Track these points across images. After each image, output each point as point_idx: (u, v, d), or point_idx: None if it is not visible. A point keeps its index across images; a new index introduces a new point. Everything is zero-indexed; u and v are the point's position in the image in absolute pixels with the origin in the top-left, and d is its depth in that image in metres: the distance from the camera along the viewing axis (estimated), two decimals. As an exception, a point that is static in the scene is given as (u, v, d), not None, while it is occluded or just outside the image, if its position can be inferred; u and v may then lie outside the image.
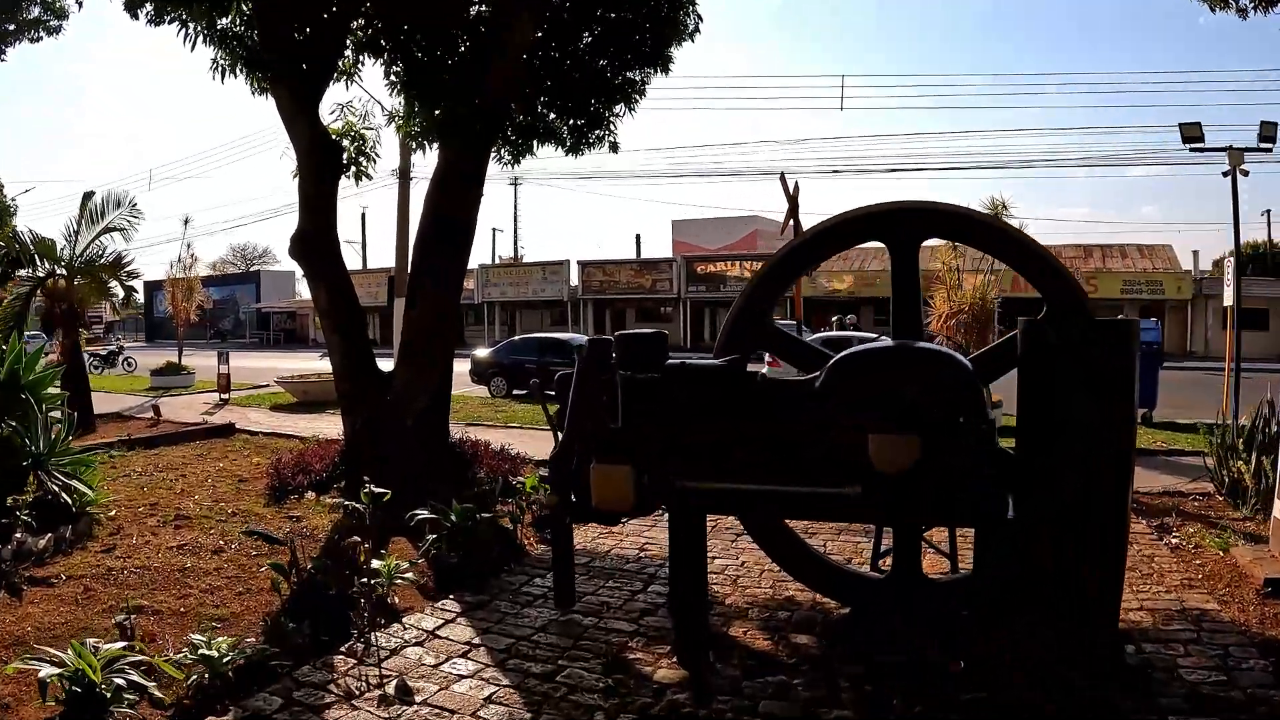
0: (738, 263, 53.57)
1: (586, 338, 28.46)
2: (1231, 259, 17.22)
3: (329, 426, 16.61)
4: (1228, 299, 18.85)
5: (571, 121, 12.91)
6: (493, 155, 12.01)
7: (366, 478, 6.80)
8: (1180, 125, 14.98)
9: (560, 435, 5.88)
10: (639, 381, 5.43)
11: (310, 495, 10.40)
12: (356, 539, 6.44)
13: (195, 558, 7.98)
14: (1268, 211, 61.10)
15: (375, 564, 6.46)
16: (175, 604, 6.82)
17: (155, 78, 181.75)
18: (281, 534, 8.61)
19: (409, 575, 6.53)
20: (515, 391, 24.99)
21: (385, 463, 10.48)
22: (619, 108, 12.86)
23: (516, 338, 28.04)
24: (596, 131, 12.98)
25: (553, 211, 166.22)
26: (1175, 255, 49.62)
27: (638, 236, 68.33)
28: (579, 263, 57.38)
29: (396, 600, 6.69)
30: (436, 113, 11.39)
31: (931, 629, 6.04)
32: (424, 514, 7.69)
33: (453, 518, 7.56)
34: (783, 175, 17.11)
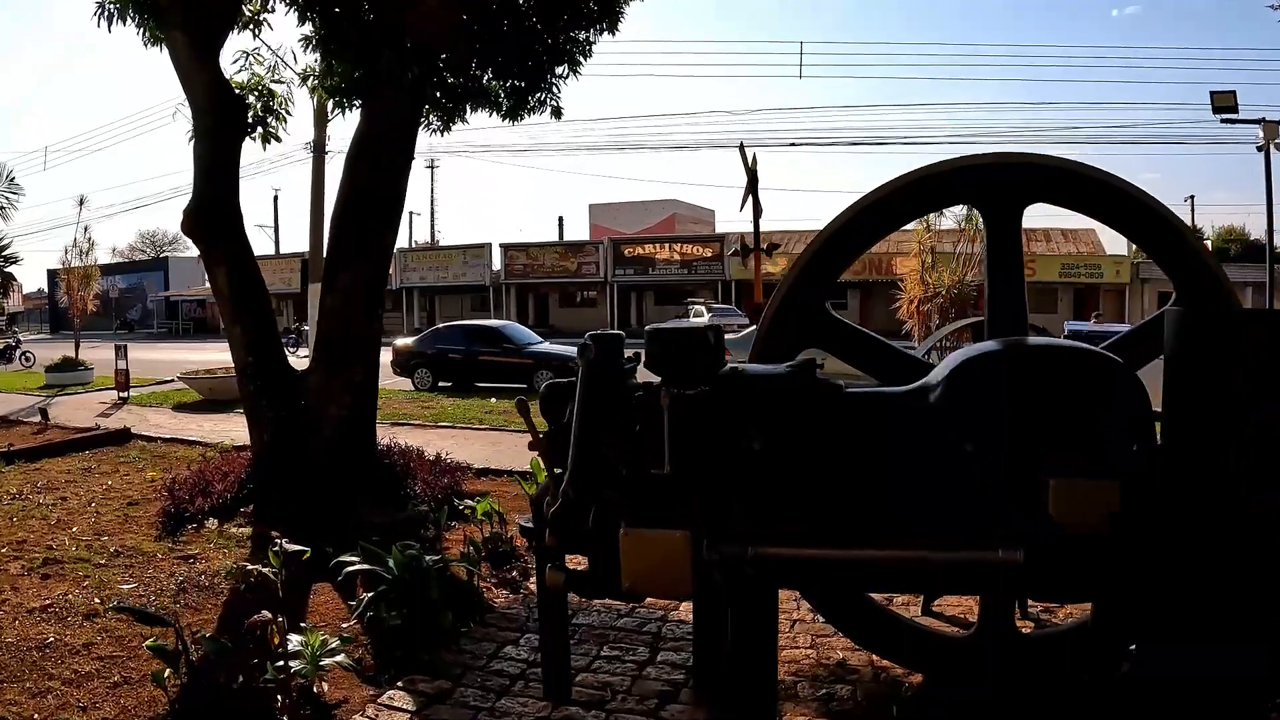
0: (667, 245, 52.09)
1: (516, 329, 26.46)
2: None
3: (237, 430, 14.67)
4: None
5: (510, 83, 11.20)
6: (420, 121, 10.24)
7: (278, 535, 5.02)
8: (1212, 94, 13.75)
9: (559, 475, 4.12)
10: (695, 401, 3.71)
11: (211, 524, 8.50)
12: (267, 615, 4.66)
13: (62, 626, 6.06)
14: (1191, 197, 62.30)
15: (294, 641, 4.70)
16: (29, 705, 4.92)
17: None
18: (174, 583, 6.83)
19: (340, 658, 4.77)
20: (441, 384, 23.20)
21: (300, 482, 8.72)
22: (561, 69, 11.20)
23: (442, 325, 26.13)
24: (538, 95, 11.29)
25: (472, 192, 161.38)
26: (1099, 239, 49.52)
27: (560, 219, 66.45)
28: (501, 246, 55.46)
29: (325, 689, 4.92)
30: (357, 75, 9.61)
31: (1037, 699, 4.50)
32: (354, 562, 5.93)
33: (391, 565, 5.78)
34: (742, 146, 15.50)
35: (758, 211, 16.75)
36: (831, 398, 3.93)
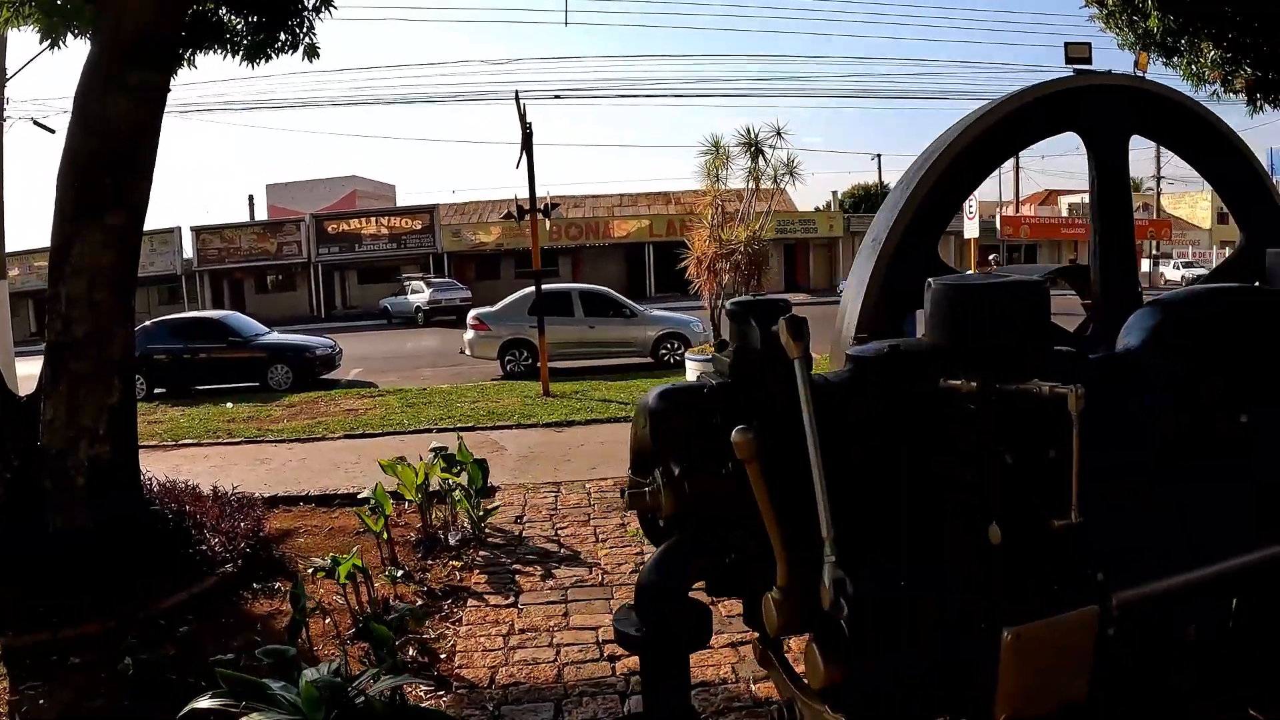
0: (374, 219, 49.02)
1: (240, 319, 23.54)
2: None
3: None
4: (971, 231, 19.54)
5: (252, 18, 8.80)
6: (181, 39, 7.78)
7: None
8: (1066, 45, 13.46)
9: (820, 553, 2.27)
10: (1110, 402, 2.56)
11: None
12: None
13: None
14: (878, 156, 66.79)
15: None
16: None
17: None
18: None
19: None
20: (155, 390, 19.92)
21: (51, 561, 6.17)
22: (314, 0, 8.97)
23: (149, 323, 22.51)
24: (286, 33, 8.96)
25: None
26: (790, 198, 51.54)
27: (250, 197, 61.02)
28: (193, 229, 50.24)
29: None
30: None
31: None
32: (230, 713, 3.62)
33: (297, 701, 3.54)
34: (517, 96, 13.71)
35: (532, 169, 14.93)
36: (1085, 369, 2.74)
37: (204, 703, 3.64)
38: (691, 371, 16.46)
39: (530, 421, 13.11)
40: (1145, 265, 48.34)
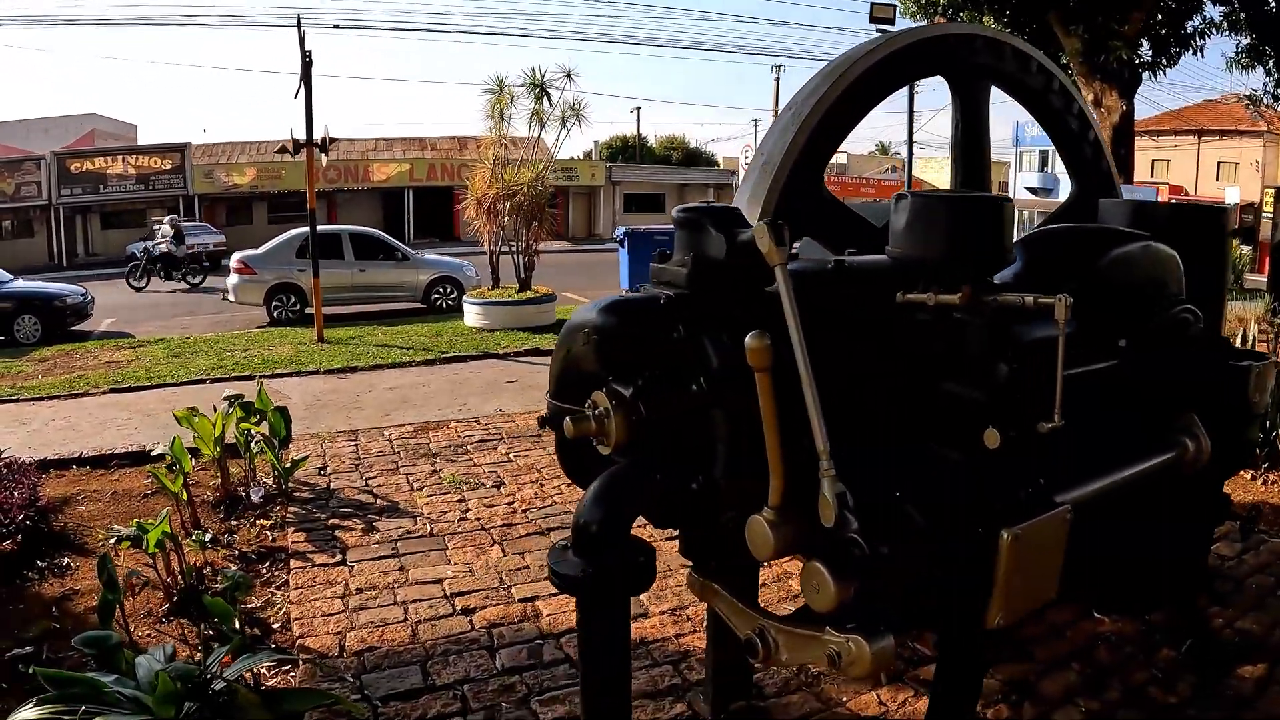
0: (121, 157, 45.17)
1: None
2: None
3: None
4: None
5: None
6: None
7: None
8: (872, 5, 13.99)
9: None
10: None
11: None
12: None
13: None
14: (638, 108, 67.39)
15: None
16: None
17: None
18: None
19: None
20: None
21: None
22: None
23: None
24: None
25: None
26: (547, 145, 52.00)
27: (-21, 133, 54.88)
28: (-83, 171, 45.08)
29: None
30: None
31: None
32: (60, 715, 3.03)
33: (136, 693, 3.00)
34: (299, 20, 12.58)
35: (310, 101, 13.94)
36: None
37: (27, 714, 3.03)
38: (471, 316, 15.89)
39: (311, 369, 12.33)
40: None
